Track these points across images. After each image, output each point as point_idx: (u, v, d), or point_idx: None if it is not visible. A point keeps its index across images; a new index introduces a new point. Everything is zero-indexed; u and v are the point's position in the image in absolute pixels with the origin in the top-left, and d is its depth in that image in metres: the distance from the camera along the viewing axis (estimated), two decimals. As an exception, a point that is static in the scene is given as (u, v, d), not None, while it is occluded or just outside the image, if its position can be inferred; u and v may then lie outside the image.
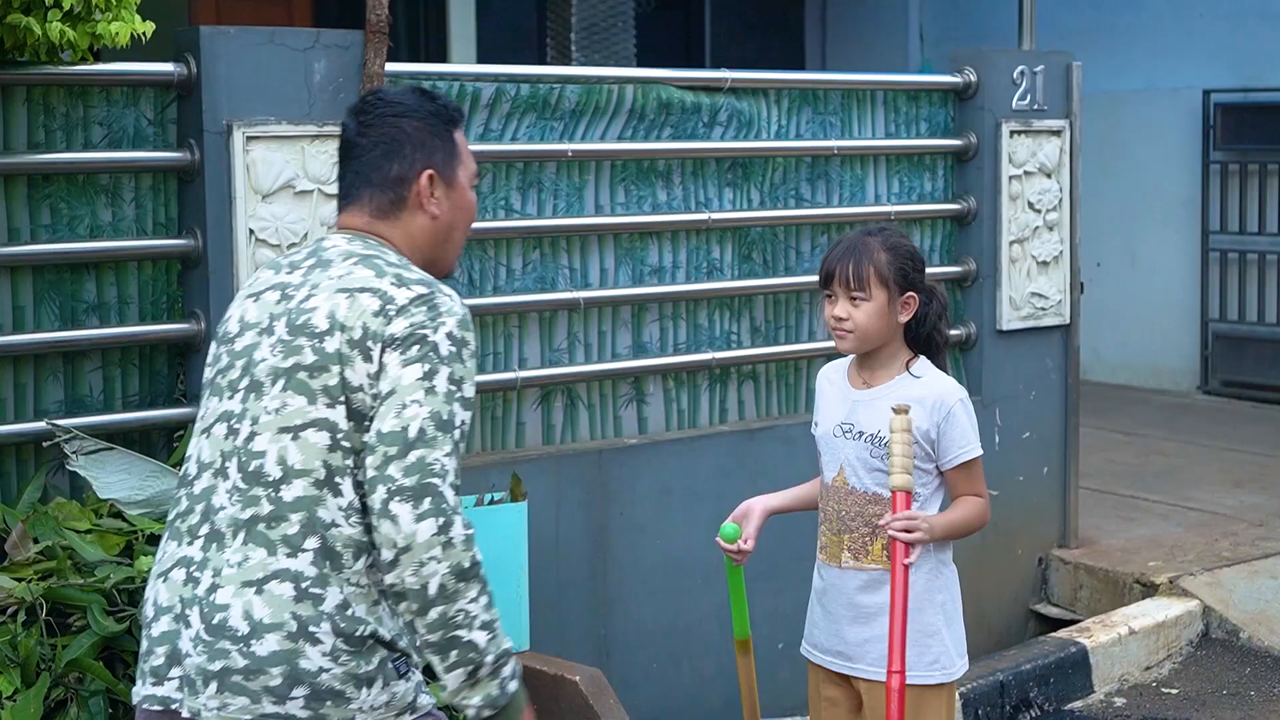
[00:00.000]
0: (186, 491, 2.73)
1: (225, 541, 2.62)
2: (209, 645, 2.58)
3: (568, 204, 5.15)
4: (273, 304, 2.73)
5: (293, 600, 2.57)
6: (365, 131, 2.83)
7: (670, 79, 5.35)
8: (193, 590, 2.63)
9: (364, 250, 2.75)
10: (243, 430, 2.66)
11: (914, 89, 5.99)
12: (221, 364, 2.76)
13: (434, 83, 4.83)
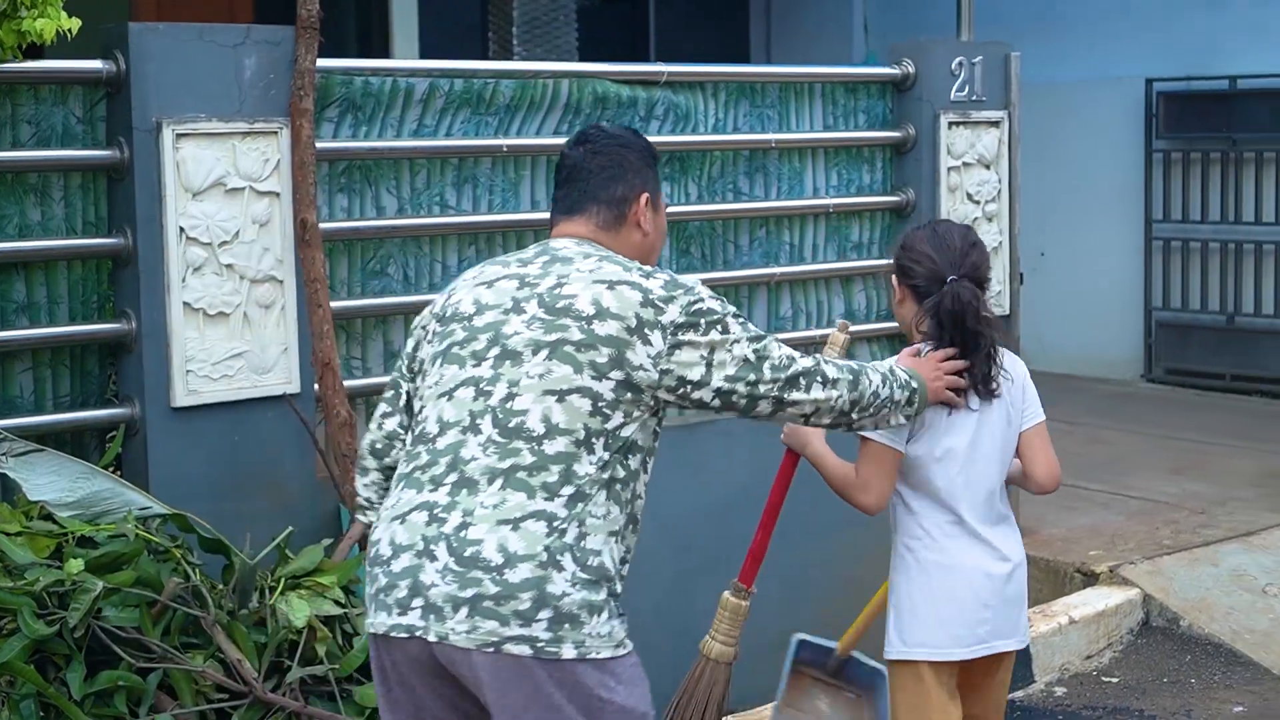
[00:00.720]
0: (426, 447, 3.10)
1: (479, 487, 3.00)
2: (460, 575, 2.94)
3: (504, 199, 5.12)
4: (513, 290, 3.17)
5: (545, 535, 2.96)
6: (593, 157, 3.33)
7: (606, 73, 5.33)
8: (438, 529, 2.99)
9: (596, 251, 3.23)
10: (497, 392, 3.06)
11: (852, 81, 5.99)
12: (457, 337, 3.16)
13: (367, 78, 4.80)
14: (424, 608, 2.96)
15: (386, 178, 4.89)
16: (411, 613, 2.98)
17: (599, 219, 3.29)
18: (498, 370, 3.08)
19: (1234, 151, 9.67)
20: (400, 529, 3.04)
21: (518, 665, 2.93)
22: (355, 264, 4.85)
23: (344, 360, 4.77)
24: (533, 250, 3.29)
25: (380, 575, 3.04)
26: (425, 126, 4.94)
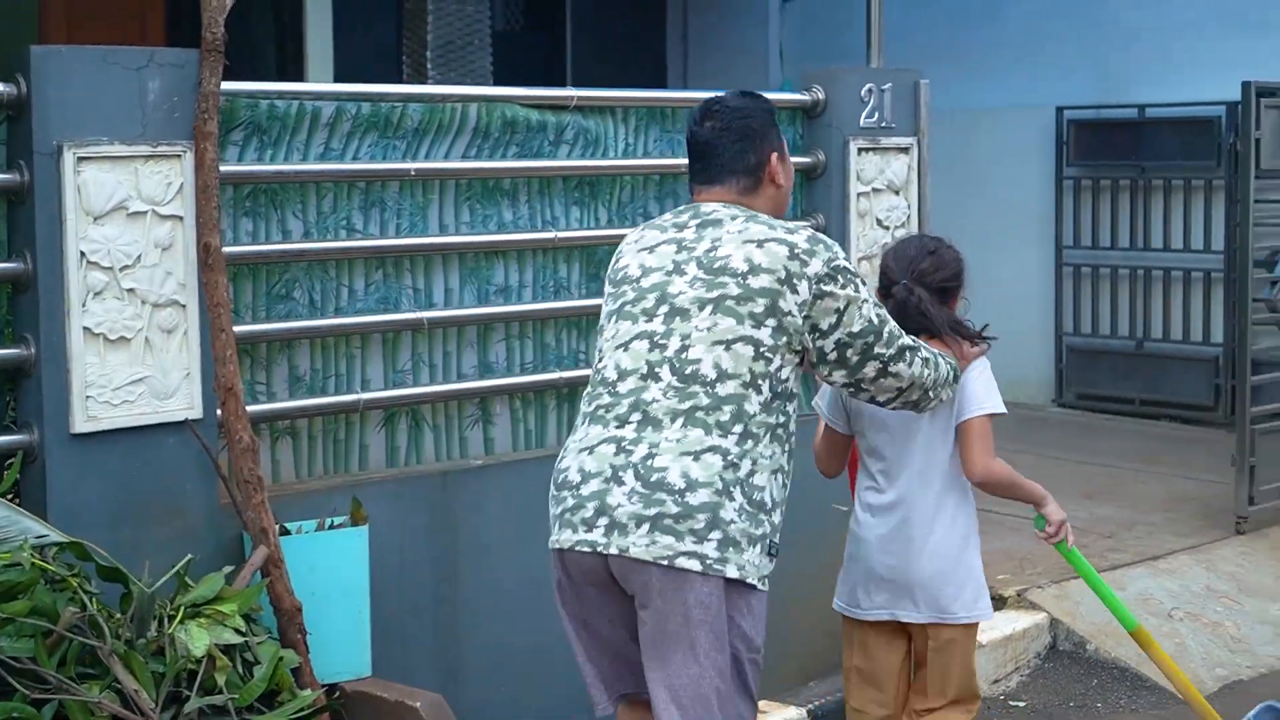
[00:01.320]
0: (608, 390, 3.59)
1: (662, 425, 3.47)
2: (645, 496, 3.41)
3: (411, 223, 5.10)
4: (672, 254, 3.65)
5: (721, 468, 3.43)
6: (722, 134, 3.75)
7: (515, 97, 5.32)
8: (626, 459, 3.46)
9: (742, 212, 3.68)
10: (671, 344, 3.53)
11: (762, 107, 5.99)
12: (628, 297, 3.66)
13: (273, 101, 4.77)
14: (608, 525, 3.44)
15: (292, 201, 4.85)
16: (595, 530, 3.45)
17: (738, 187, 3.75)
18: (669, 325, 3.56)
19: (1143, 179, 9.78)
20: (589, 458, 3.53)
21: (684, 578, 3.39)
22: (260, 288, 4.80)
23: (248, 385, 4.72)
24: (686, 215, 3.74)
25: (568, 497, 3.54)
26: (332, 150, 4.91)
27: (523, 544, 5.21)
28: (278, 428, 4.86)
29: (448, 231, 5.18)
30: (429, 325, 5.11)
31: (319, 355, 4.93)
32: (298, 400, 4.87)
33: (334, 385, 4.96)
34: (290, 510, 4.63)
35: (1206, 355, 9.57)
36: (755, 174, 3.76)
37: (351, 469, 5.01)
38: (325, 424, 4.95)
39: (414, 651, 4.95)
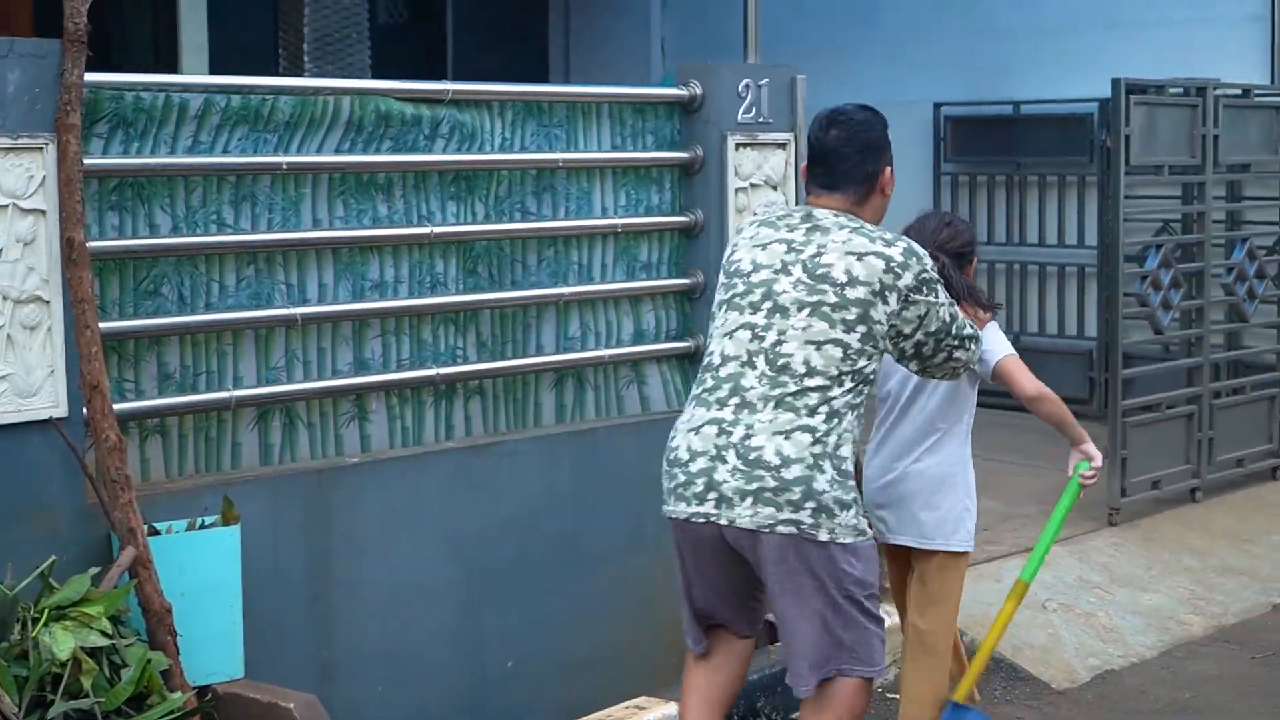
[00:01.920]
0: (712, 374, 4.13)
1: (756, 408, 4.00)
2: (746, 473, 3.96)
3: (284, 218, 5.02)
4: (782, 253, 4.14)
5: (809, 444, 3.95)
6: (847, 144, 4.20)
7: (389, 90, 5.26)
8: (727, 440, 4.00)
9: (850, 223, 4.15)
10: (769, 337, 4.05)
11: (640, 102, 5.99)
12: (738, 289, 4.16)
13: (138, 93, 4.68)
14: (717, 499, 4.00)
15: (160, 195, 4.76)
16: (707, 503, 4.01)
17: (854, 196, 4.21)
18: (770, 320, 4.07)
19: (1018, 175, 9.90)
20: (695, 438, 4.07)
21: (786, 541, 3.94)
22: (127, 284, 4.71)
23: (115, 383, 4.63)
24: (798, 216, 4.23)
25: (679, 474, 4.08)
26: (201, 143, 4.83)
27: (397, 543, 5.17)
28: (147, 426, 4.77)
29: (321, 226, 5.11)
30: (303, 321, 5.04)
31: (189, 352, 4.85)
32: (167, 398, 4.78)
33: (205, 382, 4.87)
34: (160, 510, 4.55)
35: (1081, 349, 9.70)
36: (870, 183, 4.23)
37: (223, 467, 4.93)
38: (196, 422, 4.87)
39: (288, 652, 4.88)
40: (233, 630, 4.50)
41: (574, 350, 5.80)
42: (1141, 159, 7.24)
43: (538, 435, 5.65)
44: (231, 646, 4.49)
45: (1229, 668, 5.80)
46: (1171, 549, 6.88)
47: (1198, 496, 7.56)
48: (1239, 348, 8.49)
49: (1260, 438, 8.01)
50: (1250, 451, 7.93)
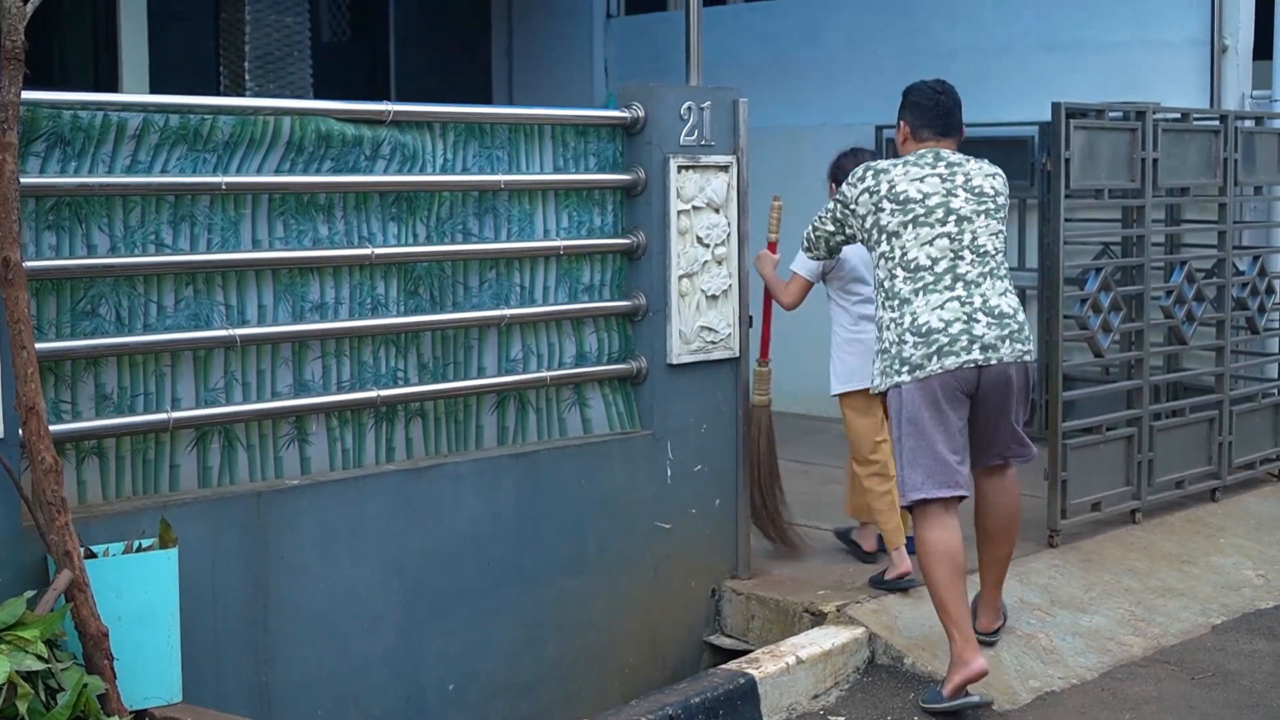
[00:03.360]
0: (929, 271, 5.56)
1: (979, 284, 5.55)
2: (997, 324, 5.53)
3: (223, 238, 4.99)
4: (939, 183, 5.64)
5: (1015, 299, 5.66)
6: (956, 102, 5.86)
7: (330, 110, 5.24)
8: (972, 307, 5.52)
9: (968, 158, 5.77)
10: (965, 238, 5.57)
11: (582, 123, 5.99)
12: (918, 212, 5.59)
13: (76, 111, 4.64)
14: (981, 347, 5.48)
15: (98, 215, 4.72)
16: (973, 352, 5.46)
17: (958, 139, 5.83)
18: (960, 227, 5.57)
19: (960, 197, 9.93)
20: (942, 313, 5.50)
21: (1026, 367, 5.60)
22: (64, 304, 4.67)
23: (52, 404, 4.59)
24: (930, 157, 5.72)
25: (940, 338, 5.48)
26: (139, 163, 4.79)
27: (336, 566, 5.13)
28: (83, 447, 4.73)
29: (261, 247, 5.08)
30: (241, 343, 5.01)
31: (127, 373, 4.81)
32: (104, 419, 4.75)
33: (143, 404, 4.84)
34: (97, 532, 4.51)
35: (1021, 371, 9.74)
36: (962, 131, 5.86)
37: (161, 489, 4.89)
38: (134, 443, 4.83)
39: (226, 675, 4.84)
40: (170, 654, 4.45)
41: (516, 372, 5.79)
42: (1081, 183, 7.28)
43: (479, 458, 5.62)
44: (169, 670, 4.45)
45: (1169, 688, 5.82)
46: (1112, 570, 6.91)
47: (1138, 518, 7.59)
48: (1178, 370, 8.55)
49: (1200, 459, 8.06)
50: (1190, 473, 7.97)
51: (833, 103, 10.57)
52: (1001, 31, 9.95)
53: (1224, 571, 7.12)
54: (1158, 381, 8.01)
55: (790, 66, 10.73)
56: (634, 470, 6.03)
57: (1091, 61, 9.51)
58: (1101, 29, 9.55)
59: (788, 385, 10.28)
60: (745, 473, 6.42)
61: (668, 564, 6.16)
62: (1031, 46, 9.84)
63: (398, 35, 11.99)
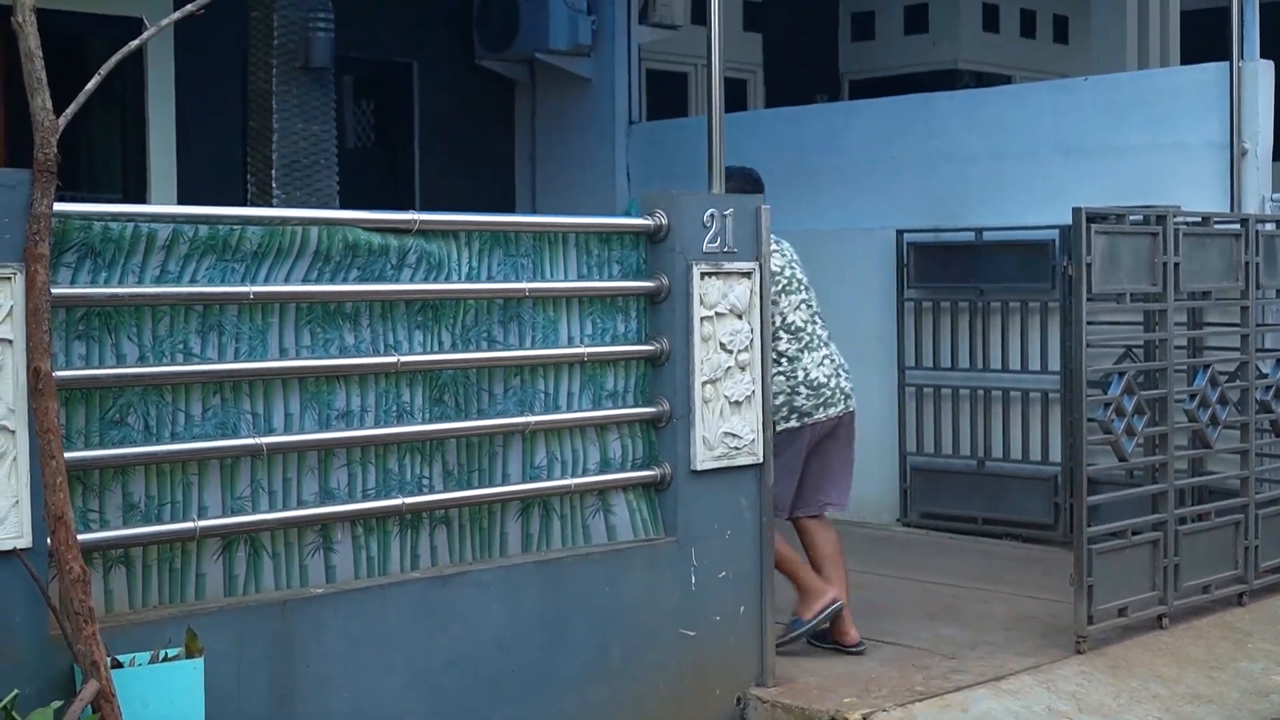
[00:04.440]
0: (805, 331, 6.90)
1: (828, 341, 6.97)
2: (848, 377, 7.00)
3: (250, 347, 5.03)
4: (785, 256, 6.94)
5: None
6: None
7: (356, 220, 5.29)
8: (834, 364, 6.95)
9: None
10: (813, 302, 7.00)
11: (606, 231, 6.03)
12: (783, 280, 6.82)
13: (107, 223, 4.70)
14: (843, 396, 6.92)
15: (127, 324, 4.77)
16: (841, 402, 6.93)
17: None
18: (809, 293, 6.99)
19: (981, 301, 9.97)
20: (823, 368, 6.89)
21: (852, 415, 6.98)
22: (93, 413, 4.70)
23: (80, 513, 4.61)
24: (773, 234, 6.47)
25: (825, 391, 6.86)
26: (169, 273, 4.84)
27: (361, 674, 5.12)
28: (110, 556, 4.74)
29: (288, 355, 5.12)
30: (268, 451, 5.03)
31: (154, 482, 4.83)
32: (131, 528, 4.76)
33: (169, 512, 4.85)
34: (123, 642, 4.51)
35: (1045, 474, 9.71)
36: None
37: (187, 598, 4.90)
38: (160, 552, 4.84)
39: (250, 786, 4.82)
40: (195, 765, 4.44)
41: (540, 479, 5.79)
42: (1103, 287, 7.30)
43: (503, 565, 5.62)
44: (193, 781, 4.44)
45: (1198, 797, 5.77)
46: (1140, 677, 6.86)
47: (1165, 623, 7.55)
48: (1203, 473, 8.52)
49: (1226, 564, 8.01)
50: (1217, 577, 7.93)
51: (853, 207, 10.64)
52: (1020, 136, 10.03)
53: (1252, 677, 7.07)
54: (1183, 485, 7.99)
55: (811, 171, 10.81)
56: (658, 577, 6.02)
57: (1110, 165, 9.57)
58: (1120, 133, 9.62)
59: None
60: (769, 579, 6.39)
61: (692, 671, 6.13)
62: (1051, 151, 9.91)
63: (422, 140, 12.13)
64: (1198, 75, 9.43)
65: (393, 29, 11.67)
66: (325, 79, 8.83)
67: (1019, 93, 10.98)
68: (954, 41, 14.45)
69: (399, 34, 11.76)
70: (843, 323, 10.34)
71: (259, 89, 8.77)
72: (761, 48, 14.25)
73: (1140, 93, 9.69)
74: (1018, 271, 9.78)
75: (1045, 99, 10.11)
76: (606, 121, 12.17)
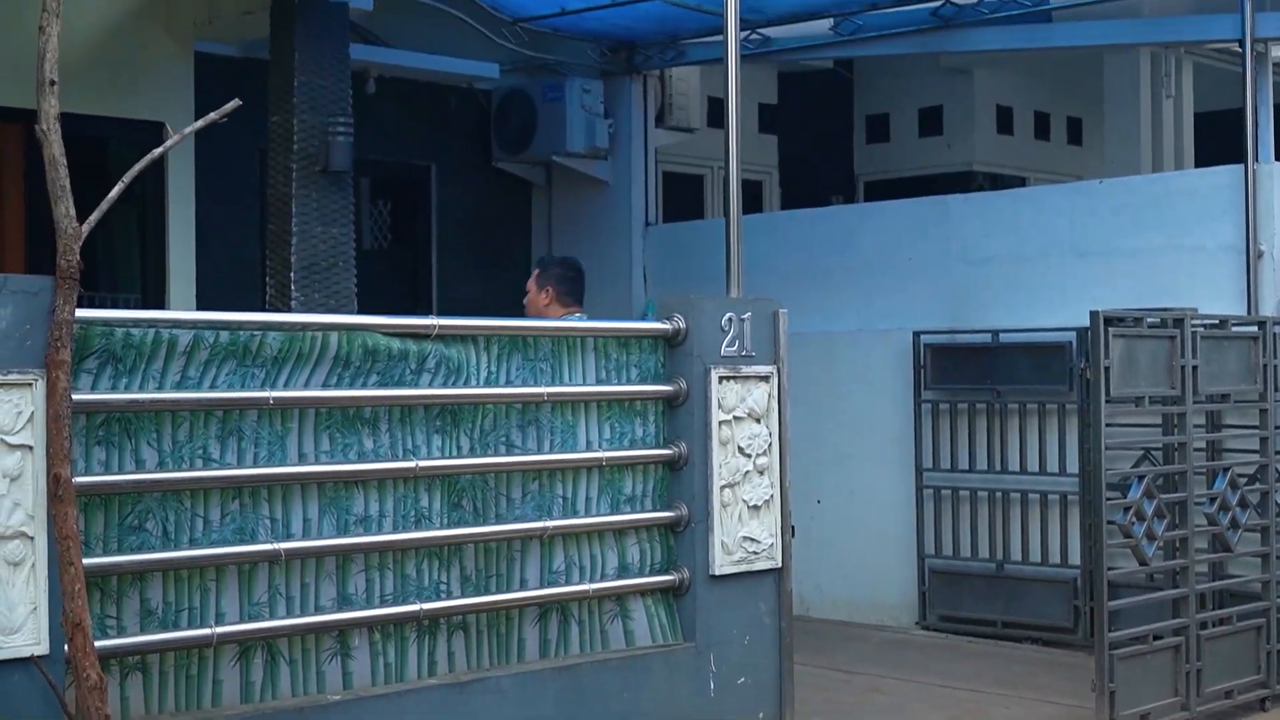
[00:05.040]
0: None
1: None
2: None
3: (269, 452, 5.03)
4: None
5: None
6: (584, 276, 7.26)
7: (377, 325, 5.31)
8: None
9: None
10: None
11: (624, 335, 6.05)
12: None
13: (128, 329, 4.72)
14: None
15: (147, 430, 4.77)
16: None
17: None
18: None
19: (998, 403, 9.95)
20: None
21: None
22: (111, 519, 4.70)
23: (98, 619, 4.59)
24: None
25: None
26: (189, 378, 4.86)
27: (379, 781, 5.08)
28: (128, 663, 4.72)
29: (306, 460, 5.12)
30: (286, 556, 5.02)
31: (172, 587, 4.82)
32: (149, 635, 4.75)
33: (187, 618, 4.83)
34: (138, 750, 4.48)
35: (1065, 577, 9.65)
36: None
37: (204, 705, 4.87)
38: (177, 659, 4.82)
39: None
40: None
41: (558, 584, 5.77)
42: (1121, 390, 7.29)
43: (521, 671, 5.59)
44: None
45: None
46: (1162, 783, 6.80)
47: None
48: (1224, 577, 8.47)
49: (1249, 668, 7.94)
50: (1239, 682, 7.85)
51: (869, 309, 10.65)
52: (1036, 238, 10.05)
53: (1277, 785, 7.00)
54: (1204, 589, 7.93)
55: (826, 272, 10.84)
56: (677, 683, 5.98)
57: (1127, 267, 9.58)
58: (1136, 236, 9.63)
59: (831, 592, 10.25)
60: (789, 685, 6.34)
61: (712, 778, 6.08)
62: (1066, 252, 9.92)
63: (440, 241, 12.18)
64: (1212, 178, 9.46)
65: (411, 132, 11.76)
66: (344, 182, 8.90)
67: (1034, 195, 11.01)
68: (968, 143, 14.52)
69: (417, 137, 11.86)
70: (860, 424, 10.40)
71: (278, 192, 8.83)
72: (777, 149, 14.34)
73: (1155, 195, 9.71)
74: (1035, 373, 9.76)
75: (1061, 201, 10.14)
76: (623, 223, 12.24)
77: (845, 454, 10.42)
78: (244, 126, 7.55)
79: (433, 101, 11.83)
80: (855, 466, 10.43)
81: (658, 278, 11.94)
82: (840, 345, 10.50)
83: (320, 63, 8.73)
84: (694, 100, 12.62)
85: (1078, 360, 9.41)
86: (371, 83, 11.02)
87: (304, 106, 8.68)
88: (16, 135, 8.94)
